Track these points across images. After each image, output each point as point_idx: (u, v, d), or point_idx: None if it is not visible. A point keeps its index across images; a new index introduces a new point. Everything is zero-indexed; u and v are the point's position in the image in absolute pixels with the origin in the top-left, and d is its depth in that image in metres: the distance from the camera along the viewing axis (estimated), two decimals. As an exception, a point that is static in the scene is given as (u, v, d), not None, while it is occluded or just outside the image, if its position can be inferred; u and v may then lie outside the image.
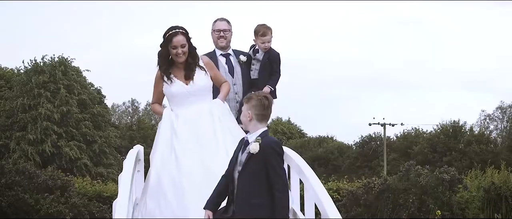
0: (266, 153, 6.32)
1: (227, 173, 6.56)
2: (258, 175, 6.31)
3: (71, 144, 53.12)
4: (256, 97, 6.53)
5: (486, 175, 15.19)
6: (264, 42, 9.49)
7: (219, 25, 9.56)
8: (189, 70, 8.24)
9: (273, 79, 9.56)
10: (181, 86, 8.21)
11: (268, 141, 6.40)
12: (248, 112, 6.51)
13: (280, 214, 6.28)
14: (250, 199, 6.30)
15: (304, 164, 7.73)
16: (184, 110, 8.18)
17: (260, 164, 6.32)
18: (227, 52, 9.60)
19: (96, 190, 18.66)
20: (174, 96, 8.26)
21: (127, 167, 7.77)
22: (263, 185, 6.31)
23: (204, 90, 8.30)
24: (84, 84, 56.82)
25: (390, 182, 15.33)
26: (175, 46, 8.12)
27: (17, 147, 51.73)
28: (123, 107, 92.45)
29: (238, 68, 9.54)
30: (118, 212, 6.38)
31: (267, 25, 9.57)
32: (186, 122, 8.08)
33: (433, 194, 14.70)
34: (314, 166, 65.65)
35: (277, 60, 9.62)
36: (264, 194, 6.31)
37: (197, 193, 7.38)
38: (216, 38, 9.55)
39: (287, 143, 73.60)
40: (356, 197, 15.68)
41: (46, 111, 52.27)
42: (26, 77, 54.16)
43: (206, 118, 8.09)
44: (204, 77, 8.31)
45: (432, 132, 65.97)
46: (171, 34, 8.13)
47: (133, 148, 8.62)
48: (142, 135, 62.08)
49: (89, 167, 52.20)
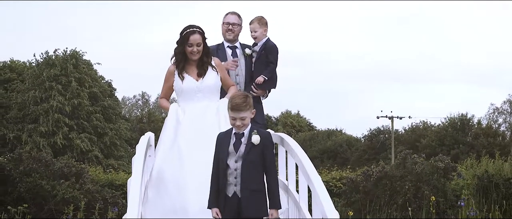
0: (264, 144, 6.99)
1: (221, 163, 6.99)
2: (257, 164, 6.94)
3: (82, 136, 53.42)
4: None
5: (481, 164, 15.75)
6: (251, 31, 9.86)
7: (229, 18, 9.86)
8: (202, 68, 8.57)
9: (268, 69, 9.82)
10: (191, 82, 8.52)
11: (264, 133, 7.09)
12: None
13: (276, 199, 6.98)
14: (251, 186, 6.92)
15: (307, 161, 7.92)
16: (192, 105, 8.50)
17: (259, 154, 6.96)
18: (234, 45, 9.90)
19: (109, 179, 19.10)
20: (183, 92, 8.57)
21: (139, 150, 8.21)
22: (260, 172, 6.97)
23: (213, 89, 8.61)
24: (95, 77, 57.02)
25: (388, 170, 15.93)
26: (191, 44, 8.45)
27: (29, 139, 51.89)
28: (133, 101, 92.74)
29: (243, 60, 9.85)
30: (132, 188, 7.06)
31: (259, 16, 9.94)
32: (192, 116, 8.38)
33: (428, 181, 15.26)
34: (323, 158, 66.10)
35: (273, 52, 9.88)
36: (261, 181, 6.98)
37: (198, 186, 7.71)
38: (225, 30, 9.85)
39: (296, 136, 73.76)
40: (355, 184, 16.23)
41: (57, 103, 52.54)
42: (38, 70, 54.43)
43: (213, 115, 8.40)
44: (214, 76, 8.61)
45: (440, 125, 65.76)
46: (188, 32, 8.46)
47: (145, 134, 8.98)
48: (153, 127, 62.24)
49: (100, 159, 52.35)
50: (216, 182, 7.04)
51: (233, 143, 7.01)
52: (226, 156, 7.00)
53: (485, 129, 62.56)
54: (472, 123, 63.59)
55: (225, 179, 6.97)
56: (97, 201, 15.05)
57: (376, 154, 65.73)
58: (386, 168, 16.11)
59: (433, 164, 15.58)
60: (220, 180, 6.99)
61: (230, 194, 6.95)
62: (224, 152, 7.02)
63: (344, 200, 16.29)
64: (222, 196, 6.98)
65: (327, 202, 6.63)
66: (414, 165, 15.65)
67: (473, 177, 14.87)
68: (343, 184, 18.03)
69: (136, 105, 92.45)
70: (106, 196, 15.67)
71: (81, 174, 16.17)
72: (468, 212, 13.34)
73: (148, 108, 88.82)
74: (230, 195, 6.97)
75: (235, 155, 6.98)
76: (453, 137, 60.44)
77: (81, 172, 16.25)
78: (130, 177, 7.84)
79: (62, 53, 54.98)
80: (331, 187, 19.11)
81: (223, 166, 6.97)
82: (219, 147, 7.10)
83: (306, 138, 73.15)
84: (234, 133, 7.07)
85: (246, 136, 7.01)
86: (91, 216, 14.29)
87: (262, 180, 7.01)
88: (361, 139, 73.29)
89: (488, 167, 15.21)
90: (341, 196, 16.88)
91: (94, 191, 15.55)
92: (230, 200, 6.97)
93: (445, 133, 61.28)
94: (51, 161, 16.08)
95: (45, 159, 15.98)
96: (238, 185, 6.93)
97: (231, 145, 7.01)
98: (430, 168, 15.46)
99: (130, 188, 7.24)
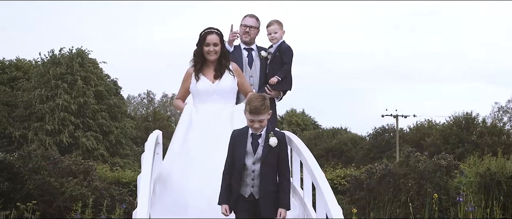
0: (280, 146, 7.09)
1: (237, 163, 7.04)
2: (274, 166, 7.05)
3: (88, 134, 53.42)
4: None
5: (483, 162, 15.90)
6: (270, 33, 9.86)
7: (246, 21, 9.88)
8: (219, 70, 8.68)
9: (282, 70, 9.81)
10: (207, 84, 8.62)
11: (280, 135, 7.17)
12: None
13: (286, 199, 7.11)
14: (269, 187, 7.02)
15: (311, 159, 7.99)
16: (206, 105, 8.58)
17: (275, 155, 7.06)
18: (250, 47, 9.91)
19: (115, 176, 19.36)
20: (199, 93, 8.64)
21: (148, 148, 8.28)
22: (275, 173, 7.09)
23: (229, 92, 8.70)
24: (100, 76, 57.03)
25: (391, 168, 16.11)
26: (208, 44, 8.60)
27: (35, 137, 51.90)
28: (138, 99, 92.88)
29: (258, 62, 9.87)
30: (142, 184, 7.26)
31: (276, 19, 9.93)
32: (205, 116, 8.48)
33: (431, 178, 15.43)
34: (328, 157, 66.17)
35: (287, 53, 9.90)
36: (276, 182, 7.10)
37: (200, 183, 7.84)
38: (241, 33, 9.86)
39: (301, 134, 73.75)
40: (359, 181, 16.42)
41: (63, 101, 52.57)
42: (44, 69, 54.42)
43: (226, 118, 8.47)
44: (231, 80, 8.71)
45: (444, 123, 65.66)
46: (206, 32, 8.64)
47: (153, 132, 9.06)
48: (158, 126, 62.24)
49: (105, 157, 52.34)
50: (228, 178, 7.08)
51: (251, 143, 7.07)
52: (243, 156, 7.05)
53: (489, 127, 62.44)
54: (477, 121, 63.47)
55: (241, 179, 7.03)
56: (105, 198, 15.24)
57: (381, 153, 65.63)
58: (390, 165, 16.29)
59: (436, 162, 15.76)
60: (234, 179, 7.04)
61: (247, 194, 7.04)
62: (242, 152, 7.06)
63: (348, 198, 16.47)
64: (235, 195, 7.04)
65: (331, 198, 6.82)
66: (417, 163, 15.83)
67: (475, 175, 15.03)
68: (347, 181, 18.23)
69: (141, 103, 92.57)
70: (114, 193, 15.87)
71: (89, 171, 16.37)
72: (466, 207, 13.50)
73: (153, 106, 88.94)
74: (247, 196, 7.05)
75: (252, 156, 7.04)
76: (458, 136, 60.38)
77: (88, 169, 16.45)
78: (140, 174, 8.03)
79: (68, 52, 55.03)
80: (336, 185, 19.33)
81: (240, 166, 7.02)
82: (234, 145, 7.12)
83: (311, 137, 73.15)
84: (251, 134, 7.12)
85: (263, 137, 7.08)
86: (99, 213, 14.48)
87: (276, 181, 7.11)
88: (366, 138, 73.23)
89: (491, 165, 15.37)
90: (345, 194, 17.08)
91: (102, 188, 15.74)
92: (246, 201, 7.06)
93: (450, 131, 61.19)
94: (59, 159, 16.28)
95: (53, 157, 16.18)
96: (256, 187, 7.02)
97: (248, 144, 7.07)
98: (433, 166, 15.63)
99: (140, 184, 7.44)
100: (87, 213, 14.08)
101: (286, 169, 7.12)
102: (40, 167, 15.58)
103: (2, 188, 14.85)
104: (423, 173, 15.49)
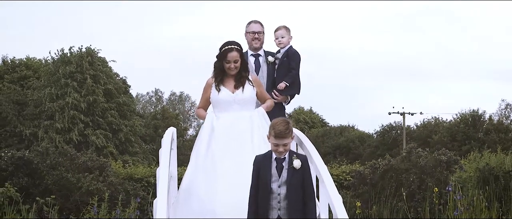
0: (304, 168, 7.14)
1: (264, 187, 7.08)
2: (299, 188, 7.06)
3: (98, 132, 54.04)
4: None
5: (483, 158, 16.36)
6: (277, 38, 10.05)
7: (253, 27, 10.03)
8: (239, 81, 8.83)
9: (289, 76, 9.96)
10: (227, 94, 8.78)
11: (302, 157, 7.22)
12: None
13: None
14: (296, 208, 7.04)
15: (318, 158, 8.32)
16: (227, 114, 8.74)
17: (300, 176, 7.08)
18: (257, 53, 10.08)
19: (128, 173, 19.79)
20: (219, 103, 8.81)
21: (165, 143, 8.79)
22: (301, 195, 7.08)
23: (248, 102, 8.85)
24: (109, 74, 57.42)
25: (393, 163, 16.66)
26: (229, 61, 8.73)
27: (45, 136, 52.43)
28: (146, 97, 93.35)
29: (265, 67, 10.04)
30: (161, 177, 7.86)
31: (284, 25, 10.09)
32: (226, 123, 8.64)
33: (431, 173, 15.96)
34: (335, 154, 66.44)
35: (295, 58, 10.03)
36: (302, 202, 7.09)
37: (227, 187, 8.01)
38: (251, 39, 10.02)
39: (309, 132, 73.88)
40: (363, 177, 16.94)
41: (73, 100, 53.13)
42: (54, 67, 54.90)
43: (246, 123, 8.63)
44: (250, 90, 8.86)
45: (451, 121, 65.46)
46: (226, 49, 8.74)
47: (168, 129, 9.52)
48: (167, 124, 62.56)
49: (115, 155, 52.37)
50: (255, 204, 7.12)
51: (276, 167, 7.10)
52: (269, 180, 7.09)
53: (496, 124, 62.38)
54: (484, 118, 63.43)
55: (268, 203, 7.07)
56: (120, 192, 15.75)
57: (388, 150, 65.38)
58: (392, 161, 16.83)
59: (437, 157, 16.32)
60: (259, 204, 7.09)
61: (274, 217, 7.08)
62: (267, 176, 7.10)
63: (353, 192, 16.96)
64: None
65: (331, 187, 7.40)
66: (419, 159, 16.37)
67: (475, 170, 15.47)
68: (352, 177, 18.78)
69: (150, 102, 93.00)
70: (128, 188, 16.44)
71: (104, 167, 16.94)
72: (454, 196, 14.02)
73: (161, 104, 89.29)
74: None
75: (278, 180, 7.07)
76: (465, 133, 60.12)
77: (104, 165, 17.02)
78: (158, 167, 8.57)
79: (77, 50, 55.36)
80: (341, 180, 19.90)
81: (267, 190, 7.06)
82: (259, 170, 7.15)
83: (318, 134, 73.25)
84: (274, 158, 7.15)
85: (287, 160, 7.12)
86: (114, 207, 14.98)
87: (302, 201, 7.11)
88: (373, 135, 73.17)
89: (490, 160, 15.82)
90: (350, 188, 17.54)
91: (117, 184, 16.29)
92: None
93: (457, 129, 60.92)
94: (75, 155, 16.86)
95: (70, 153, 16.78)
96: (282, 210, 7.05)
97: (273, 168, 7.11)
98: (434, 161, 16.18)
99: (159, 175, 8.02)
100: (103, 207, 14.54)
101: (311, 189, 7.16)
102: (57, 163, 16.07)
103: (22, 183, 15.36)
104: (424, 168, 16.01)
